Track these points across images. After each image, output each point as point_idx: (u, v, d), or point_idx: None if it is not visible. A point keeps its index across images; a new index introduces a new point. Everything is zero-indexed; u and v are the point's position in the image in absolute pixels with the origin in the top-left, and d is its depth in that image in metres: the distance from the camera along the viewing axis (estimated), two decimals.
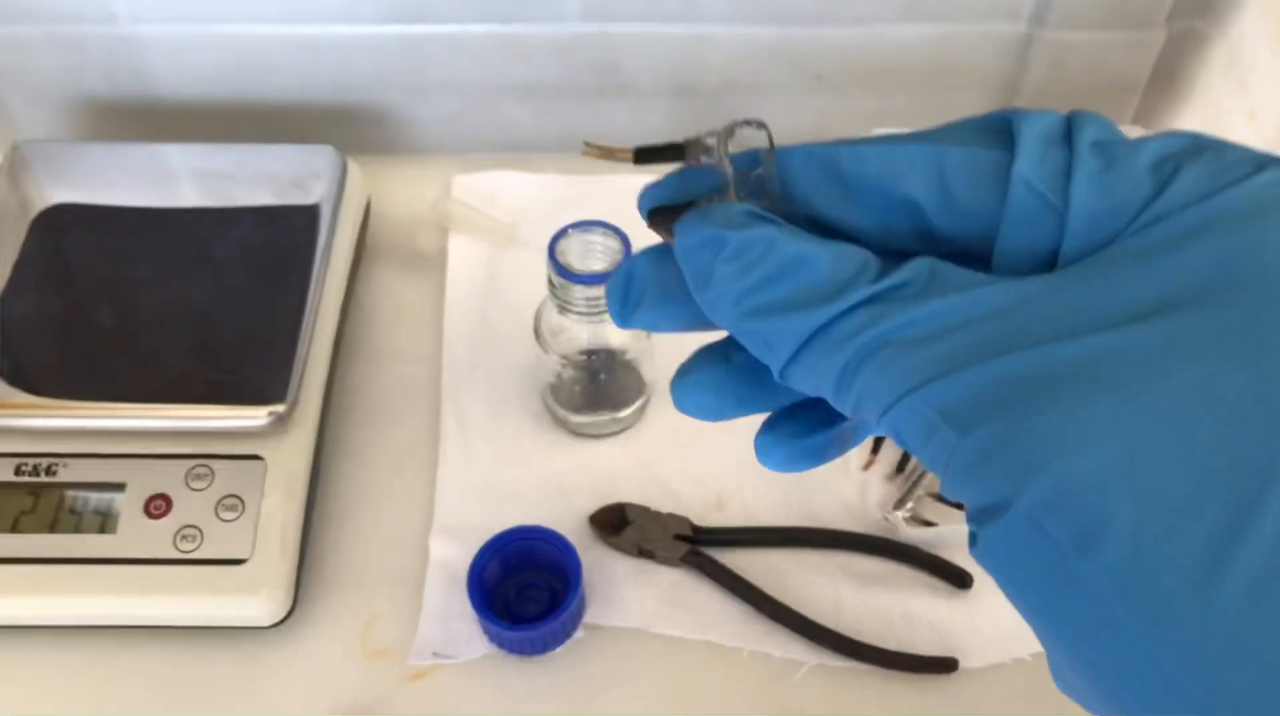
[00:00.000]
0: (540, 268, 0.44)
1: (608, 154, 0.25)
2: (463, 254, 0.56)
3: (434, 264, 0.56)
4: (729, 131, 0.22)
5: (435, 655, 0.44)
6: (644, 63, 0.57)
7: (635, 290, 0.23)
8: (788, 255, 0.20)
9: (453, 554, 0.46)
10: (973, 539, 0.18)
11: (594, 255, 0.43)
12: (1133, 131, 0.56)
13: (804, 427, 0.23)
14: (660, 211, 0.23)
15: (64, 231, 0.50)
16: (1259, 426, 0.16)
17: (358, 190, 0.54)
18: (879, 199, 0.21)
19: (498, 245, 0.57)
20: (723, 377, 0.23)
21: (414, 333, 0.54)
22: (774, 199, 0.22)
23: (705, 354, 0.23)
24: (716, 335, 0.23)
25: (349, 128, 0.60)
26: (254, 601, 0.43)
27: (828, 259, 0.19)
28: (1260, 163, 0.18)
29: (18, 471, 0.44)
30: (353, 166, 0.54)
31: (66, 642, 0.45)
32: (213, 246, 0.49)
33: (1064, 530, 0.16)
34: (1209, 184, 0.18)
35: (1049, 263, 0.19)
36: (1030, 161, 0.19)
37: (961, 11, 0.56)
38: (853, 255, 0.19)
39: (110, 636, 0.45)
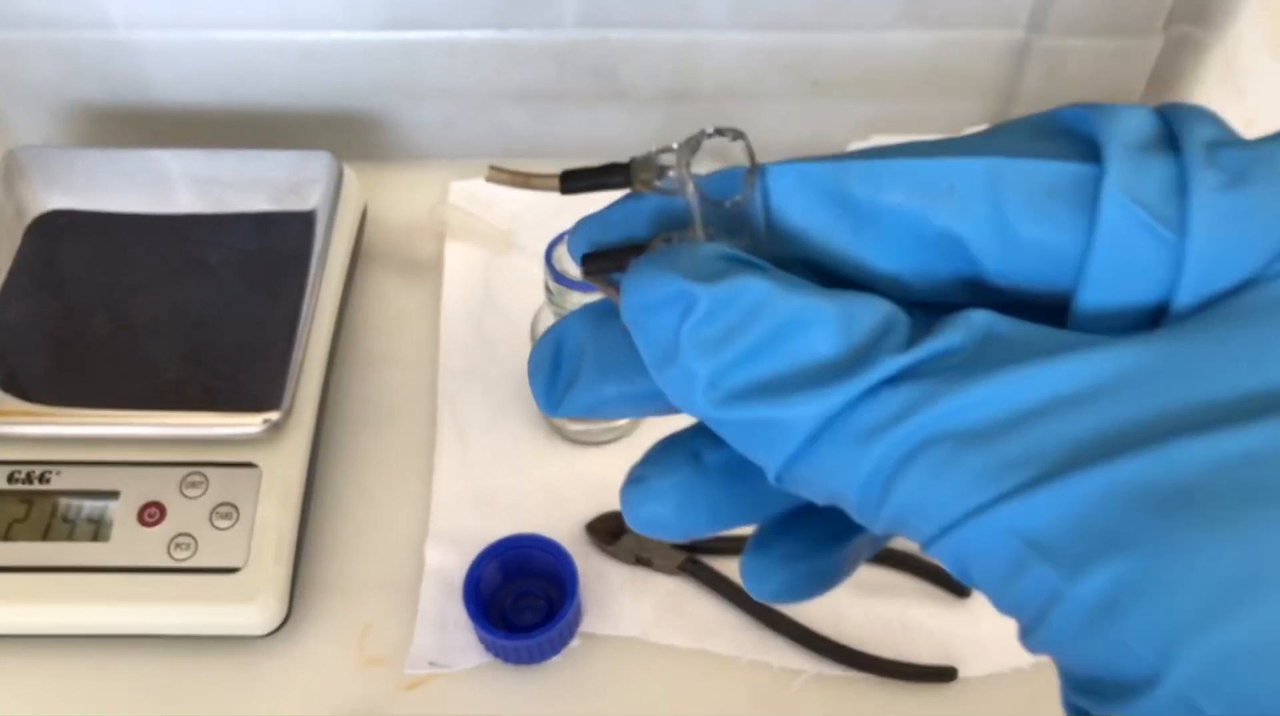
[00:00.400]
0: (537, 274, 0.43)
1: (522, 180, 0.18)
2: (459, 260, 0.56)
3: (430, 270, 0.56)
4: (693, 145, 0.16)
5: (431, 664, 0.44)
6: (641, 69, 0.57)
7: (567, 366, 0.17)
8: (783, 314, 0.14)
9: (449, 562, 0.46)
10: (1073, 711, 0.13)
11: None
12: None
13: (805, 546, 0.17)
14: (598, 256, 0.16)
15: (59, 237, 0.50)
16: None
17: (354, 196, 0.54)
18: (905, 233, 0.15)
19: (494, 251, 0.57)
20: (691, 484, 0.17)
21: (410, 339, 0.54)
22: (757, 236, 0.16)
23: (666, 451, 0.18)
24: (678, 422, 0.17)
25: (345, 133, 0.60)
26: (248, 610, 0.43)
27: (838, 316, 0.14)
28: None
29: (11, 479, 0.44)
30: (349, 172, 0.54)
31: (60, 652, 0.44)
32: (208, 252, 0.49)
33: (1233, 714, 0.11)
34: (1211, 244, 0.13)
35: (1153, 318, 0.14)
36: (1126, 175, 0.14)
37: (959, 18, 0.56)
38: (872, 311, 0.14)
39: (104, 645, 0.44)
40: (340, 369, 0.52)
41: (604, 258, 0.16)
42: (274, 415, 0.44)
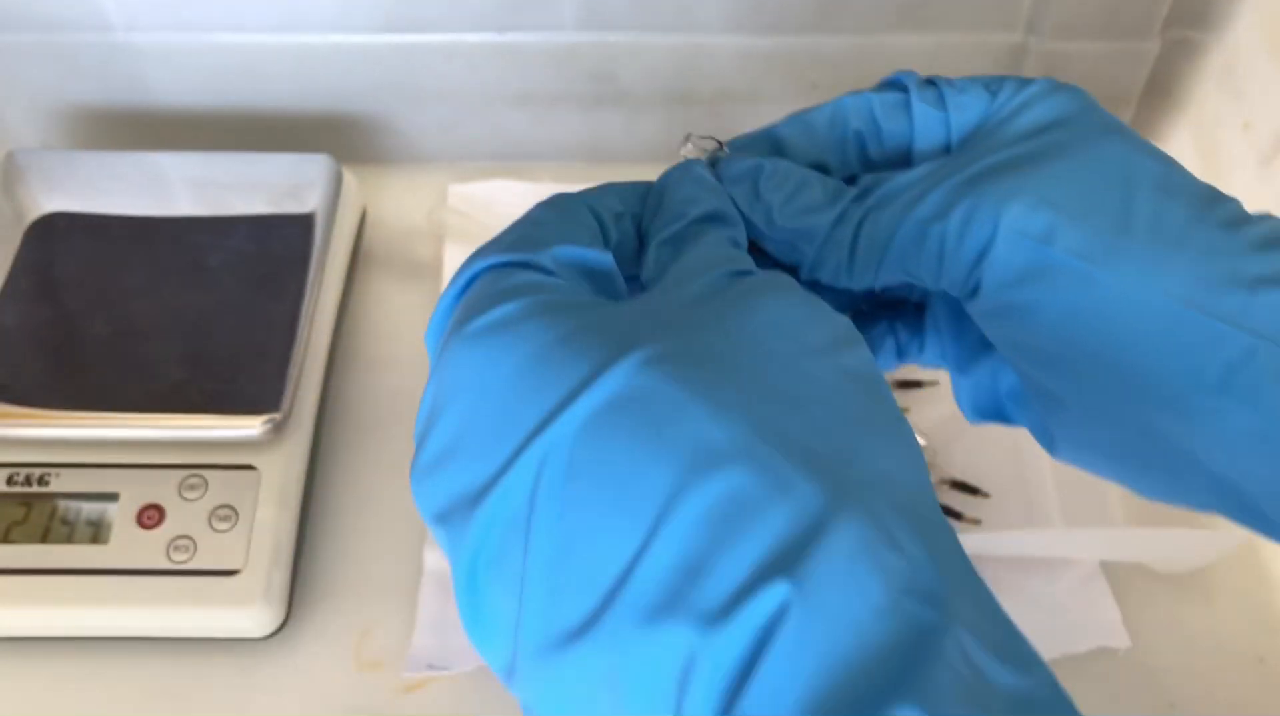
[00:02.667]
0: None
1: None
2: (458, 263, 0.56)
3: (430, 273, 0.56)
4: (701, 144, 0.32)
5: (430, 666, 0.44)
6: (640, 72, 0.57)
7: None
8: (803, 175, 0.29)
9: (447, 565, 0.46)
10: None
11: None
12: None
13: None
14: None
15: (58, 240, 0.50)
16: (1100, 176, 0.27)
17: (353, 199, 0.54)
18: (834, 140, 0.31)
19: None
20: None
21: (409, 342, 0.54)
22: None
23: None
24: None
25: (344, 136, 0.60)
26: (247, 612, 0.43)
27: (819, 178, 0.30)
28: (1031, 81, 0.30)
29: (10, 481, 0.44)
30: (348, 175, 0.54)
31: (58, 654, 0.44)
32: (207, 255, 0.49)
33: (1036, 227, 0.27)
34: (1016, 85, 0.30)
35: (947, 149, 0.30)
36: (918, 96, 0.30)
37: (957, 21, 0.56)
38: (833, 182, 0.30)
39: (102, 647, 0.44)
40: (340, 371, 0.52)
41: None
42: (273, 418, 0.44)
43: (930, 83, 0.31)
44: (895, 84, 0.31)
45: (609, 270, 0.25)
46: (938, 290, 0.29)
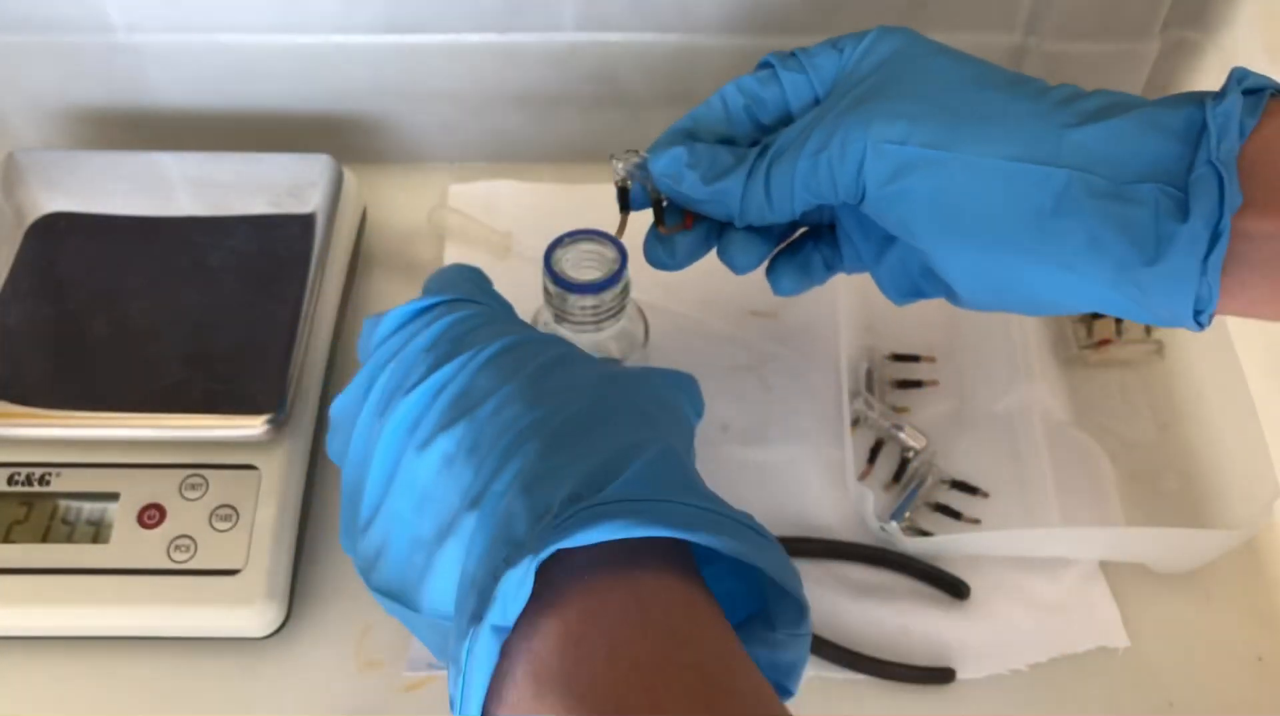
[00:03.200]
0: (536, 277, 0.43)
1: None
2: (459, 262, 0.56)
3: (430, 273, 0.56)
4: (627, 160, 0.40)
5: (430, 665, 0.44)
6: (639, 72, 0.58)
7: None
8: (712, 150, 0.38)
9: None
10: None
11: (590, 264, 0.43)
12: None
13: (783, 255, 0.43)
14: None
15: (59, 240, 0.50)
16: (932, 85, 0.36)
17: (353, 199, 0.54)
18: (728, 119, 0.40)
19: (494, 254, 0.57)
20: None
21: None
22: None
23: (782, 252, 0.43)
24: None
25: (345, 137, 0.60)
26: (248, 612, 0.43)
27: (725, 148, 0.39)
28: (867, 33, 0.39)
29: (11, 481, 0.44)
30: (348, 175, 0.54)
31: (59, 653, 0.44)
32: (208, 255, 0.49)
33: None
34: (855, 39, 0.38)
35: (816, 103, 0.39)
36: (782, 67, 0.39)
37: (957, 22, 0.56)
38: (737, 150, 0.39)
39: (103, 647, 0.44)
40: (340, 371, 0.52)
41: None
42: (274, 417, 0.44)
43: (791, 54, 0.39)
44: (765, 64, 0.40)
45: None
46: (840, 204, 0.37)
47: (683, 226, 0.41)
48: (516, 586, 0.25)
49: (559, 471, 0.28)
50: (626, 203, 0.42)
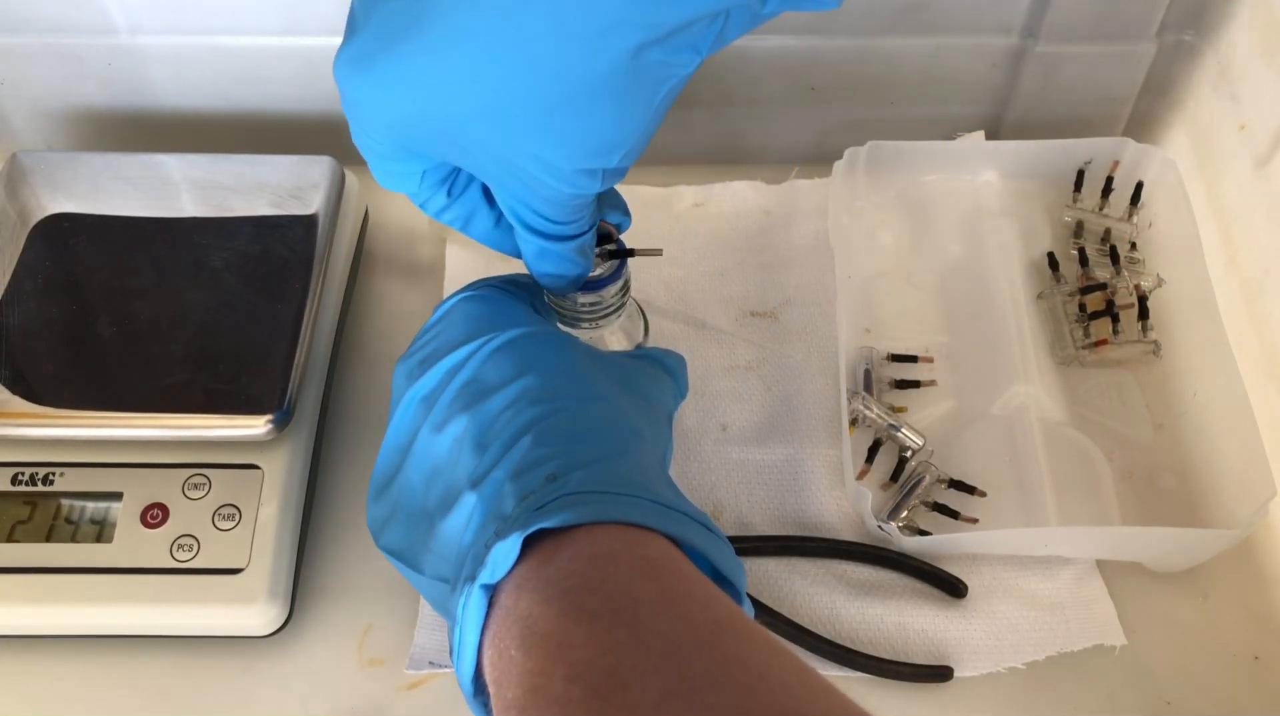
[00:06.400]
0: None
1: None
2: (460, 264, 0.56)
3: (431, 274, 0.57)
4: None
5: (431, 664, 0.44)
6: None
7: None
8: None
9: None
10: None
11: None
12: (1124, 145, 0.56)
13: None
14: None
15: (62, 241, 0.50)
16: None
17: (356, 201, 0.55)
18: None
19: (494, 255, 0.57)
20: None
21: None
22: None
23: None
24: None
25: (347, 138, 0.60)
26: (250, 611, 0.43)
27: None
28: None
29: (14, 480, 0.45)
30: (351, 177, 0.54)
31: (62, 652, 0.45)
32: (211, 256, 0.49)
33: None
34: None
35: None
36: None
37: (955, 24, 0.56)
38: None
39: (106, 646, 0.45)
40: (342, 372, 0.52)
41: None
42: (277, 417, 0.44)
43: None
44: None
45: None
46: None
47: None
48: (505, 555, 0.29)
49: (544, 462, 0.32)
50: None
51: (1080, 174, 0.56)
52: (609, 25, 0.28)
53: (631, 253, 0.41)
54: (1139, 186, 0.55)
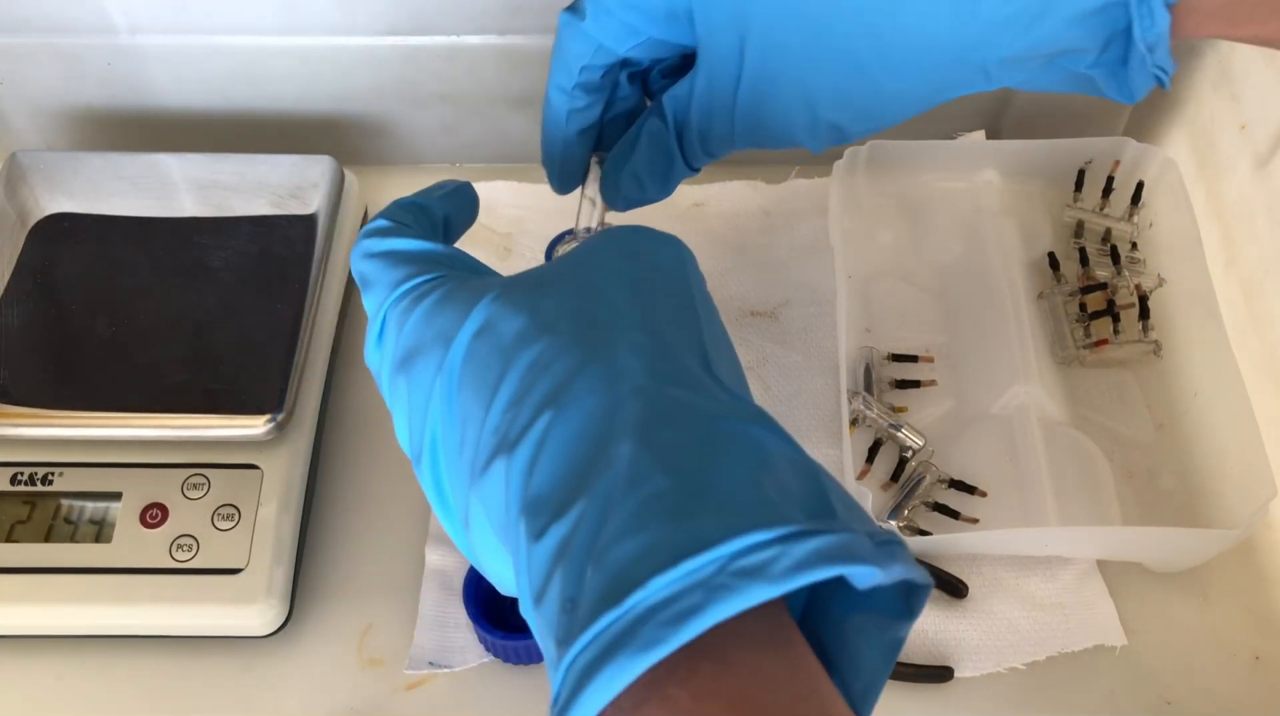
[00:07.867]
0: None
1: None
2: None
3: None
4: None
5: (431, 664, 0.44)
6: None
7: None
8: (650, 163, 0.43)
9: (448, 562, 0.46)
10: None
11: None
12: (1125, 145, 0.56)
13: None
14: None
15: (61, 241, 0.50)
16: None
17: (355, 200, 0.55)
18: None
19: (494, 255, 0.57)
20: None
21: None
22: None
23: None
24: None
25: (346, 138, 0.61)
26: (250, 611, 0.43)
27: (651, 159, 0.43)
28: None
29: (13, 481, 0.45)
30: (350, 176, 0.54)
31: (62, 652, 0.45)
32: (210, 256, 0.49)
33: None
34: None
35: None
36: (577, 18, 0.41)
37: None
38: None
39: (105, 646, 0.45)
40: (342, 371, 0.52)
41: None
42: (276, 417, 0.44)
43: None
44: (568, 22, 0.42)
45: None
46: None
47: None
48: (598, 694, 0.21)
49: (553, 577, 0.24)
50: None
51: (1081, 173, 0.56)
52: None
53: None
54: (1139, 186, 0.55)
